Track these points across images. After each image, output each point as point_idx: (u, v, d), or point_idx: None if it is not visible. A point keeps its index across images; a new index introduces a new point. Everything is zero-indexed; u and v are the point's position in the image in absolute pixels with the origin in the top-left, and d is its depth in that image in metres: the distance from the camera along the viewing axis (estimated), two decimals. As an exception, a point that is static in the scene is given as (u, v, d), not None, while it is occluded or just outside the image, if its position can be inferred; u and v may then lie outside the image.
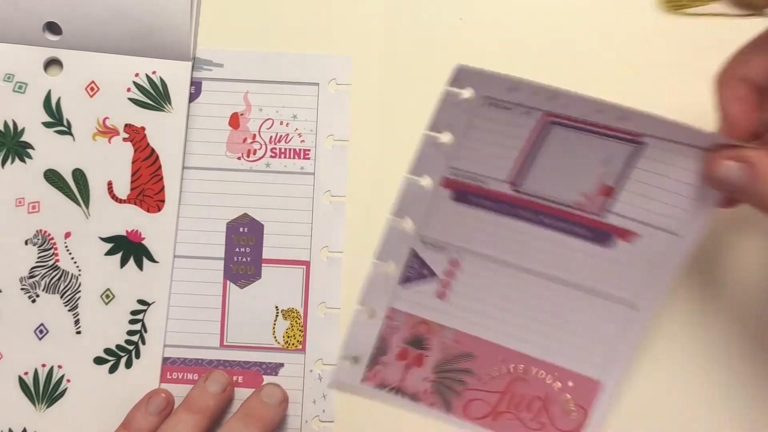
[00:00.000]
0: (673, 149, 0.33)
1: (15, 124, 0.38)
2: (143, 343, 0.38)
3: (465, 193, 0.35)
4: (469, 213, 0.36)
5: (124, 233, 0.38)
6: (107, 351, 0.37)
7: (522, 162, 0.35)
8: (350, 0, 0.38)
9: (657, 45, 0.38)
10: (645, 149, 0.33)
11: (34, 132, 0.38)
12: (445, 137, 0.35)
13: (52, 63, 0.38)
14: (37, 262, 0.38)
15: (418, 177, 0.35)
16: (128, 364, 0.38)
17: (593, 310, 0.36)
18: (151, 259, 0.38)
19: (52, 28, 0.38)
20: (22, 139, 0.38)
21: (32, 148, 0.38)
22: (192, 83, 0.38)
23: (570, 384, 0.37)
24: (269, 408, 0.35)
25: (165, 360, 0.38)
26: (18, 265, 0.38)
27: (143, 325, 0.38)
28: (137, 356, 0.38)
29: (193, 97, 0.38)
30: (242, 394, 0.37)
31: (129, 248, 0.38)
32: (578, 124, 0.33)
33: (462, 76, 0.33)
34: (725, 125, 0.30)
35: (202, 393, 0.36)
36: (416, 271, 0.37)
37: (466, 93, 0.33)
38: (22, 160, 0.38)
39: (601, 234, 0.35)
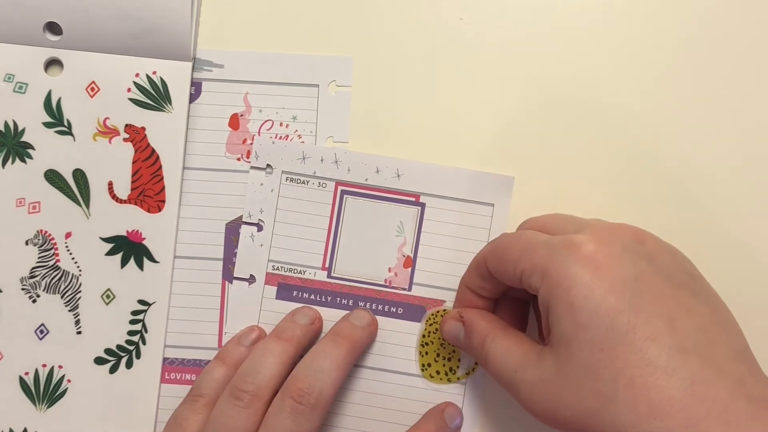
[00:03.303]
0: (445, 204, 0.36)
1: (15, 125, 0.38)
2: (144, 343, 0.38)
3: (286, 287, 0.37)
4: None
5: (125, 233, 0.38)
6: (108, 351, 0.38)
7: (330, 243, 0.37)
8: (350, 0, 0.38)
9: (662, 45, 0.38)
10: (426, 210, 0.36)
11: (35, 132, 0.38)
12: (260, 227, 0.37)
13: (52, 63, 0.38)
14: (37, 262, 0.38)
15: (245, 278, 0.37)
16: (129, 364, 0.38)
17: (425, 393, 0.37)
18: (152, 260, 0.38)
19: (53, 28, 0.38)
20: (23, 139, 0.38)
21: (32, 148, 0.38)
22: (192, 84, 0.38)
23: None
24: (357, 329, 0.35)
25: (164, 360, 0.38)
26: (18, 265, 0.38)
27: (144, 326, 0.38)
28: (138, 356, 0.38)
29: (193, 98, 0.38)
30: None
31: (129, 248, 0.38)
32: (364, 191, 0.37)
33: (258, 149, 0.36)
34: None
35: (290, 323, 0.36)
36: None
37: (267, 170, 0.37)
38: (23, 161, 0.38)
39: (412, 309, 0.37)
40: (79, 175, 0.38)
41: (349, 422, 0.37)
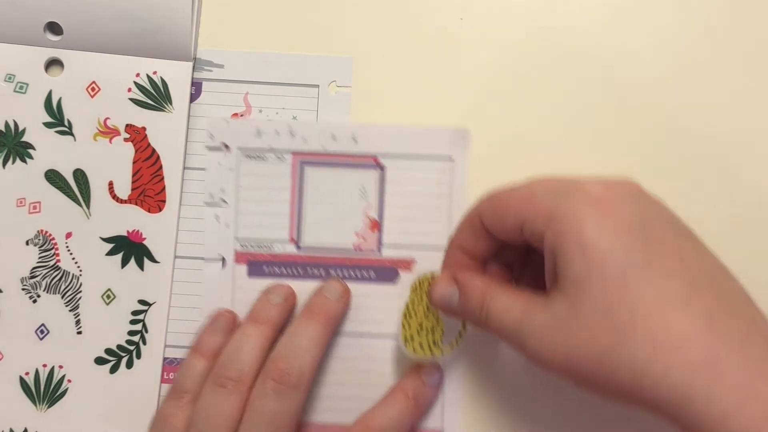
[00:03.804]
0: (405, 164, 0.36)
1: (16, 125, 0.38)
2: (144, 343, 0.38)
3: (256, 264, 0.37)
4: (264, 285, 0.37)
5: (125, 233, 0.38)
6: (108, 351, 0.38)
7: (295, 215, 0.37)
8: (350, 0, 0.38)
9: (663, 44, 0.38)
10: (386, 172, 0.36)
11: (35, 132, 0.38)
12: (224, 207, 0.37)
13: (53, 63, 0.38)
14: (38, 262, 0.38)
15: (215, 259, 0.37)
16: (129, 365, 0.38)
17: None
18: (152, 260, 0.38)
19: (53, 28, 0.38)
20: (23, 139, 0.38)
21: (33, 148, 0.38)
22: (192, 84, 0.38)
23: None
24: (331, 302, 0.36)
25: (164, 360, 0.38)
26: (19, 265, 0.38)
27: (144, 326, 0.38)
28: (138, 356, 0.38)
29: (193, 98, 0.38)
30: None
31: (130, 248, 0.38)
32: (323, 159, 0.37)
33: (213, 130, 0.36)
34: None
35: (265, 305, 0.36)
36: None
37: (223, 149, 0.37)
38: (23, 161, 0.38)
39: (384, 271, 0.37)
40: (80, 175, 0.38)
41: (330, 390, 0.37)
